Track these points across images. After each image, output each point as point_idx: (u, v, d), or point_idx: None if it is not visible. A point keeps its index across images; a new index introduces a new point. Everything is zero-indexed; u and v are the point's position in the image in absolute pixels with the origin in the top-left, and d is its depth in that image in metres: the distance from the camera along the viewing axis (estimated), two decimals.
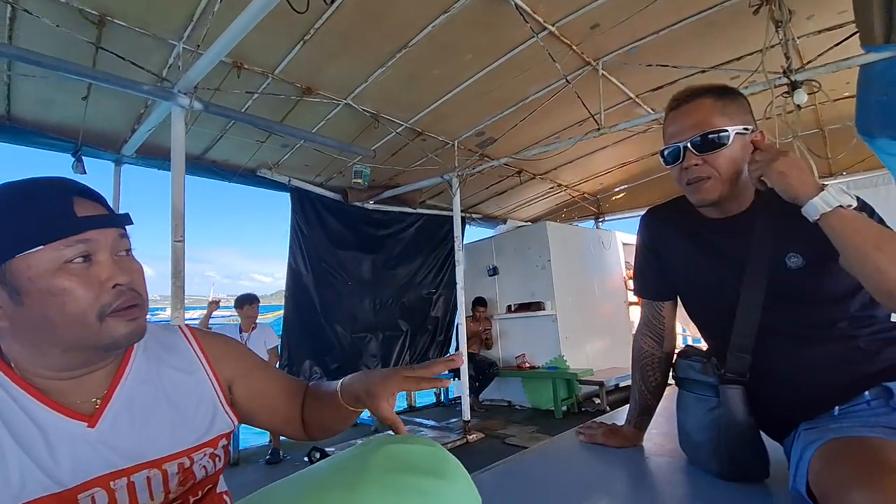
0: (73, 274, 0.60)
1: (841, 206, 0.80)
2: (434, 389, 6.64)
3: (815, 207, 0.82)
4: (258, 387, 0.83)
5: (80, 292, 0.60)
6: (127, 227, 0.68)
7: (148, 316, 0.69)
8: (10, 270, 0.58)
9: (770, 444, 0.97)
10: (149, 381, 0.71)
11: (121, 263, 0.65)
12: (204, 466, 0.71)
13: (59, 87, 2.97)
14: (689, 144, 0.96)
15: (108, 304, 0.62)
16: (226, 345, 0.84)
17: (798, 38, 3.15)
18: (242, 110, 3.45)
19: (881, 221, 0.88)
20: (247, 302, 4.25)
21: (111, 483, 0.62)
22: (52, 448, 0.60)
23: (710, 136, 0.94)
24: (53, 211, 0.60)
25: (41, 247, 0.58)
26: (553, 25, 3.11)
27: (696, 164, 0.95)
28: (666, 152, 1.01)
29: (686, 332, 5.54)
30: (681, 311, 1.18)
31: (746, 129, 0.95)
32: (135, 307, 0.65)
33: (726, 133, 0.93)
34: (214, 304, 4.50)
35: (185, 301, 2.71)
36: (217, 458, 0.74)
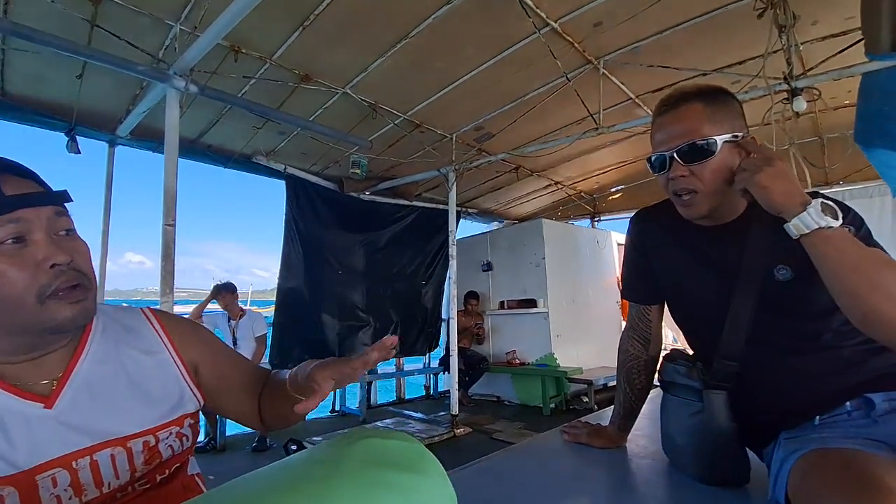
0: (5, 255, 0.57)
1: (820, 227, 0.77)
2: (423, 382, 6.72)
3: (792, 229, 0.79)
4: (223, 371, 0.82)
5: (13, 274, 0.57)
6: (67, 204, 0.64)
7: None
8: None
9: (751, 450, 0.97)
10: (108, 361, 0.69)
11: (60, 243, 0.62)
12: (171, 446, 0.70)
13: (53, 64, 2.91)
14: (675, 154, 0.92)
15: (46, 286, 0.59)
16: (192, 329, 0.82)
17: (801, 43, 3.14)
18: (239, 95, 3.41)
19: (868, 234, 0.86)
20: (221, 291, 4.24)
21: (73, 463, 0.61)
22: (6, 431, 0.58)
23: (696, 145, 0.90)
24: None
25: None
26: (556, 22, 3.08)
27: (683, 175, 0.92)
28: (653, 159, 0.98)
29: (677, 343, 5.56)
30: (668, 316, 1.18)
31: (736, 136, 0.91)
32: (77, 288, 0.62)
33: (713, 142, 0.89)
34: (224, 293, 4.30)
35: (185, 294, 2.69)
36: (184, 438, 0.73)
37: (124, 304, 0.83)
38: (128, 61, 2.68)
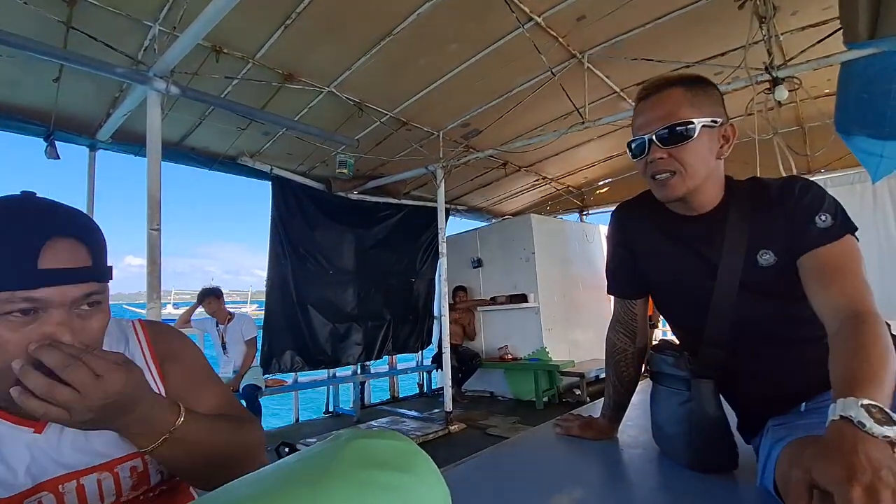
0: (8, 328, 0.55)
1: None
2: (417, 380, 6.72)
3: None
4: (189, 393, 0.75)
5: (10, 347, 0.54)
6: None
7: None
8: None
9: (739, 437, 0.98)
10: None
11: (74, 322, 0.58)
12: (160, 472, 0.70)
13: (28, 67, 2.85)
14: (653, 137, 0.93)
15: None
16: (180, 350, 0.78)
17: (781, 34, 3.18)
18: (222, 96, 3.37)
19: (846, 220, 0.87)
20: (206, 296, 4.18)
21: (59, 487, 0.61)
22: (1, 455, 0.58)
23: (676, 128, 0.91)
24: (11, 255, 0.54)
25: None
26: (539, 16, 3.09)
27: (661, 158, 0.93)
28: (633, 145, 0.98)
29: (665, 328, 5.63)
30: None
31: (715, 121, 0.92)
32: None
33: (692, 125, 0.90)
34: (210, 298, 4.20)
35: (187, 297, 2.66)
36: None
37: (115, 318, 0.77)
38: (106, 63, 2.63)
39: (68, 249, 0.57)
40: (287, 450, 3.91)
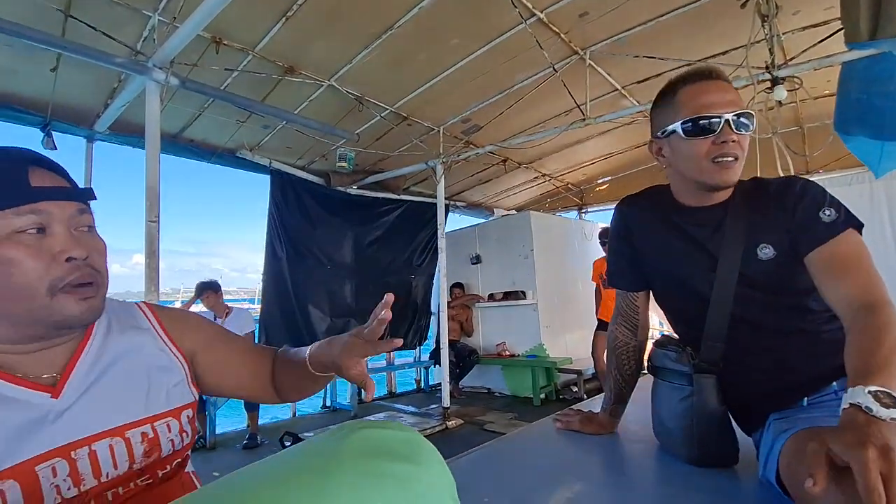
0: (23, 244, 0.58)
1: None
2: (414, 375, 6.74)
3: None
4: (222, 357, 0.84)
5: (28, 263, 0.58)
6: (90, 202, 0.65)
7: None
8: None
9: (740, 430, 0.99)
10: (109, 355, 0.70)
11: (79, 238, 0.63)
12: (171, 440, 0.71)
13: (24, 56, 2.82)
14: (730, 118, 0.91)
15: (59, 279, 0.60)
16: (185, 318, 0.84)
17: (783, 34, 3.18)
18: (221, 88, 3.34)
19: (849, 214, 0.88)
20: (205, 290, 4.17)
21: (72, 453, 0.61)
22: (8, 420, 0.58)
23: (747, 116, 0.92)
24: (4, 179, 0.59)
25: None
26: (542, 12, 3.07)
27: (734, 141, 0.92)
28: (701, 122, 0.93)
29: (663, 326, 5.65)
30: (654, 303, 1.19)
31: None
32: (89, 285, 0.63)
33: (754, 117, 0.94)
34: (208, 292, 4.17)
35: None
36: (185, 434, 0.74)
37: (120, 299, 0.83)
38: (105, 53, 2.61)
39: (49, 176, 0.63)
40: (291, 440, 3.92)
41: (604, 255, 4.40)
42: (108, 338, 0.71)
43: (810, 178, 0.97)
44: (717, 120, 0.92)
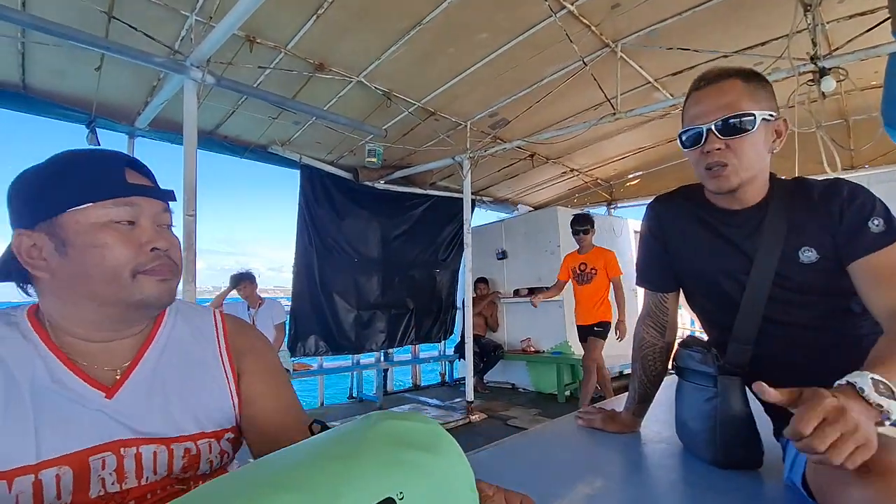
0: (117, 231, 0.65)
1: None
2: (439, 369, 6.78)
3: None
4: (263, 389, 0.79)
5: (119, 249, 0.65)
6: (170, 202, 0.72)
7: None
8: (60, 224, 0.64)
9: (764, 433, 0.97)
10: (168, 361, 0.73)
11: (162, 233, 0.70)
12: (210, 461, 0.73)
13: (71, 57, 2.97)
14: (712, 127, 0.91)
15: (142, 264, 0.66)
16: (253, 341, 0.83)
17: (827, 23, 3.04)
18: (255, 85, 3.43)
19: (890, 218, 0.86)
20: (242, 280, 4.30)
21: (121, 449, 0.65)
22: (69, 412, 0.63)
23: (737, 119, 0.90)
24: (106, 174, 0.67)
25: (90, 204, 0.64)
26: (572, 4, 3.03)
27: (718, 149, 0.91)
28: (685, 135, 0.96)
29: (694, 326, 5.51)
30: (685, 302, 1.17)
31: (772, 115, 0.92)
32: (167, 271, 0.69)
33: (752, 118, 0.90)
34: (244, 283, 4.34)
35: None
36: (225, 455, 0.75)
37: (198, 304, 0.87)
38: (145, 53, 2.72)
39: (140, 176, 0.71)
40: (319, 428, 4.02)
41: (576, 248, 4.33)
42: (171, 342, 0.75)
43: (853, 176, 0.94)
44: (700, 130, 0.93)
